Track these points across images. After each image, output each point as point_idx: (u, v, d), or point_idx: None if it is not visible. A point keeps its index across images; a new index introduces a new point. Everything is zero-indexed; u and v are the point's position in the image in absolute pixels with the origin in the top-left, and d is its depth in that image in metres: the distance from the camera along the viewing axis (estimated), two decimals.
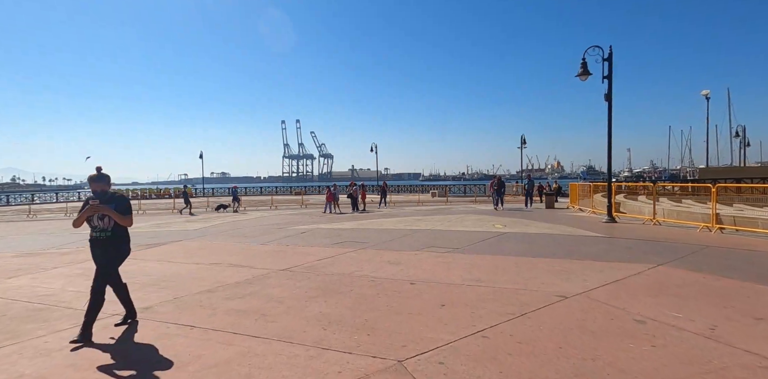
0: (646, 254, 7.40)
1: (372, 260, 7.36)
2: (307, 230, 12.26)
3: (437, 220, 14.13)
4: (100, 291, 3.75)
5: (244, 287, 5.51)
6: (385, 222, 13.97)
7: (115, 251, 3.88)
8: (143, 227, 15.27)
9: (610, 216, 12.55)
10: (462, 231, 11.11)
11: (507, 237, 9.79)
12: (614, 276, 5.65)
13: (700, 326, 3.75)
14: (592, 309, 4.25)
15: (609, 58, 12.32)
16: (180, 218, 19.75)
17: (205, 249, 9.19)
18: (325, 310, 4.40)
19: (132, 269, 6.98)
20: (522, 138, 36.82)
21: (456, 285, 5.38)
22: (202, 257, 8.04)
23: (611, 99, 12.45)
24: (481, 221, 13.27)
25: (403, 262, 7.11)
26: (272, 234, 11.61)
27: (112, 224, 3.81)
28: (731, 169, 35.66)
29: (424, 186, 51.19)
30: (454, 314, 4.19)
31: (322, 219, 16.24)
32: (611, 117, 12.54)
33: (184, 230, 13.74)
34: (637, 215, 13.33)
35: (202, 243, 10.25)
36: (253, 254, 8.31)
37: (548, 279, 5.59)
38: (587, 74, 12.71)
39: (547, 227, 11.61)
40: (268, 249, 8.97)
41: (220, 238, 11.24)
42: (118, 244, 3.88)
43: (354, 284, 5.55)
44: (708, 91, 33.75)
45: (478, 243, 9.00)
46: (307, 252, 8.39)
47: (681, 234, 9.82)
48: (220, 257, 7.94)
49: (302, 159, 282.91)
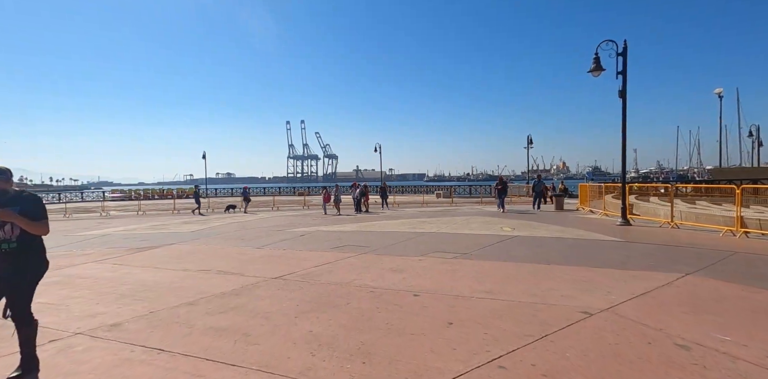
0: (671, 261, 6.80)
1: (372, 266, 6.82)
2: (306, 233, 11.74)
3: (443, 222, 13.57)
4: (21, 318, 2.97)
5: (229, 298, 4.98)
6: (388, 224, 13.43)
7: (23, 269, 2.97)
8: (139, 228, 14.82)
9: (625, 219, 11.93)
10: (468, 234, 10.55)
11: (516, 241, 9.21)
12: (641, 287, 5.08)
13: (756, 353, 3.18)
14: (624, 330, 3.68)
15: (623, 53, 11.70)
16: (178, 218, 19.29)
17: (197, 253, 8.68)
18: (317, 329, 3.86)
19: (112, 276, 6.49)
20: (528, 138, 36.12)
21: (464, 297, 4.82)
22: (191, 263, 7.52)
23: (626, 96, 11.82)
24: (488, 224, 12.70)
25: (406, 269, 6.56)
26: (270, 237, 11.09)
27: (17, 232, 2.94)
28: (746, 170, 34.66)
29: (429, 187, 50.56)
30: (464, 334, 3.64)
31: (324, 221, 15.72)
32: (626, 115, 11.93)
33: (180, 232, 13.25)
34: (652, 218, 12.69)
35: (195, 246, 9.75)
36: (246, 259, 7.79)
37: (567, 291, 5.03)
38: (600, 70, 12.09)
39: (558, 230, 11.02)
40: (263, 254, 8.45)
41: (216, 241, 10.74)
42: (26, 259, 3.00)
43: (351, 295, 5.01)
44: (721, 89, 32.86)
45: (486, 247, 8.44)
46: (304, 257, 7.87)
47: (703, 238, 9.20)
48: (211, 263, 7.42)
49: (307, 159, 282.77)
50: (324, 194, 20.57)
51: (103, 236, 12.79)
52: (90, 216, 24.03)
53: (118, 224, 17.44)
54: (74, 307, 4.72)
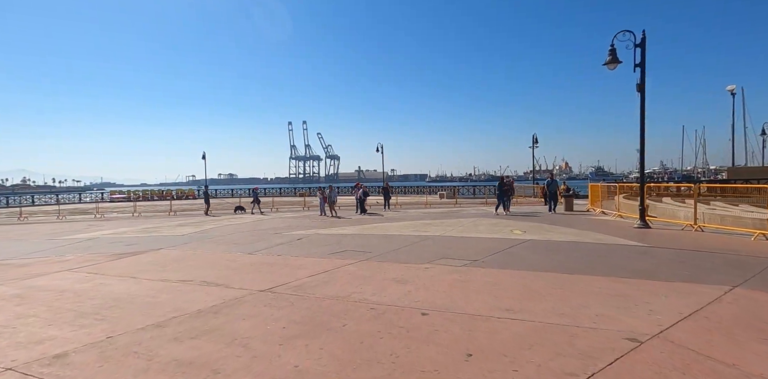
0: (708, 270, 6.05)
1: (374, 276, 6.09)
2: (304, 236, 11.03)
3: (448, 224, 12.84)
4: None
5: (205, 318, 4.26)
6: (391, 227, 12.71)
7: None
8: (130, 231, 14.13)
9: (643, 221, 11.15)
10: (477, 238, 9.81)
11: (530, 246, 8.48)
12: (687, 305, 4.33)
13: None
14: (689, 367, 2.94)
15: (641, 44, 10.94)
16: (174, 220, 18.57)
17: (183, 260, 7.97)
18: (304, 362, 3.13)
19: (81, 288, 5.77)
20: (534, 137, 35.26)
21: (482, 318, 4.09)
22: (174, 271, 6.81)
23: (644, 89, 11.07)
24: (496, 226, 11.96)
25: (411, 279, 5.83)
26: (265, 241, 10.38)
27: None
28: (764, 169, 33.59)
29: (432, 187, 49.77)
30: (488, 373, 2.91)
31: (323, 223, 14.99)
32: (644, 110, 11.16)
33: (171, 235, 12.55)
34: (670, 220, 11.89)
35: (183, 252, 9.04)
36: (235, 267, 7.07)
37: (601, 308, 4.29)
38: (616, 62, 11.34)
39: (573, 233, 10.27)
40: (254, 260, 7.74)
41: (206, 245, 10.03)
42: None
43: (349, 314, 4.28)
44: (734, 86, 31.98)
45: (498, 253, 7.71)
46: (298, 265, 7.15)
47: (735, 243, 8.43)
48: (195, 272, 6.71)
49: (309, 160, 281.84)
50: (320, 194, 19.93)
51: (90, 239, 12.10)
52: (84, 218, 23.38)
53: (110, 226, 16.76)
54: (22, 329, 4.01)
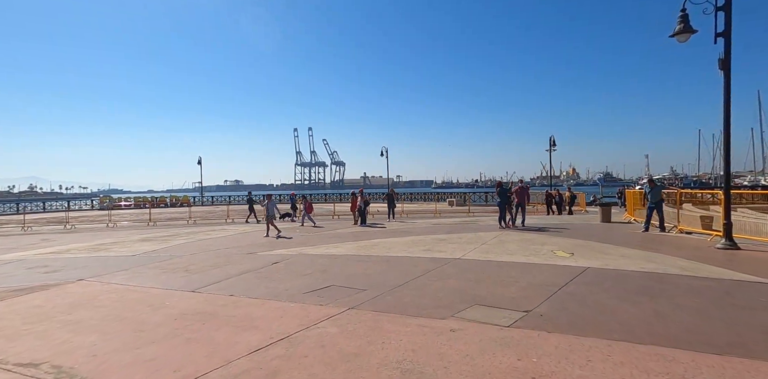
0: None
1: (363, 352, 3.47)
2: (283, 259, 8.43)
3: (466, 240, 10.18)
4: None
5: None
6: (396, 244, 10.07)
7: None
8: (76, 249, 11.55)
9: (730, 240, 8.38)
10: (512, 263, 7.16)
11: (596, 280, 5.82)
12: None
13: None
14: None
15: (724, 7, 8.30)
16: (146, 232, 16.00)
17: (82, 306, 5.39)
18: None
19: None
20: (551, 139, 32.36)
21: None
22: (31, 338, 4.23)
23: (729, 66, 8.39)
24: (529, 244, 9.30)
25: (430, 362, 3.22)
26: (228, 266, 7.78)
27: None
28: None
29: (439, 194, 47.05)
30: None
31: (313, 238, 12.37)
32: (729, 92, 8.45)
33: (119, 255, 9.97)
34: (752, 236, 8.98)
35: (100, 287, 6.46)
36: (147, 325, 4.48)
37: None
38: (690, 32, 8.67)
39: (639, 256, 7.59)
40: (190, 306, 5.14)
41: (148, 273, 7.45)
42: None
43: None
44: None
45: (557, 296, 5.06)
46: (251, 317, 4.56)
47: None
48: (65, 342, 4.11)
49: (314, 166, 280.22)
50: (306, 204, 17.44)
51: (11, 262, 9.51)
52: (52, 230, 20.90)
53: (64, 241, 14.21)
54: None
